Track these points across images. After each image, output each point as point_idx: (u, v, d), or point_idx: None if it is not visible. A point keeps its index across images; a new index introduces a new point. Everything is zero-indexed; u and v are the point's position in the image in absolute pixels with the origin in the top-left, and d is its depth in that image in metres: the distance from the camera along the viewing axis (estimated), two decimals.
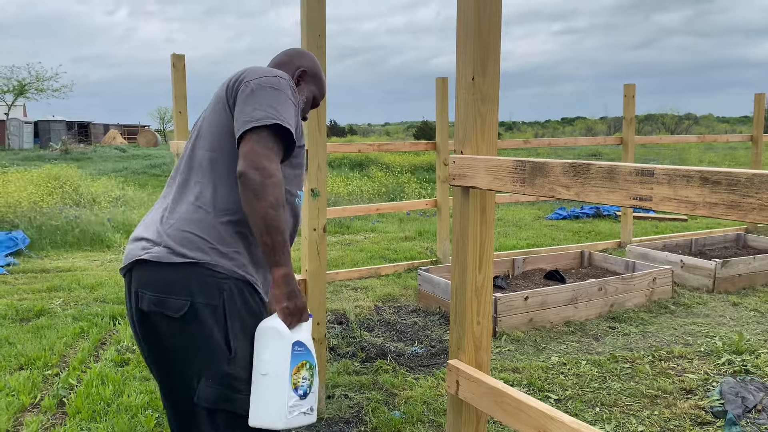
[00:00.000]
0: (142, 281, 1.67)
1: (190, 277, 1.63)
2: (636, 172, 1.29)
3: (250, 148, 1.61)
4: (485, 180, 1.70)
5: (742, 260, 5.45)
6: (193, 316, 1.63)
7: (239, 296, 1.68)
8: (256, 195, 1.59)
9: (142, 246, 1.69)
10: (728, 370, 3.57)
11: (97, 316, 4.55)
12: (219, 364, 1.65)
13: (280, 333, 1.66)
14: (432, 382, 3.39)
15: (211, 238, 1.67)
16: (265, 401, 1.65)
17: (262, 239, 1.62)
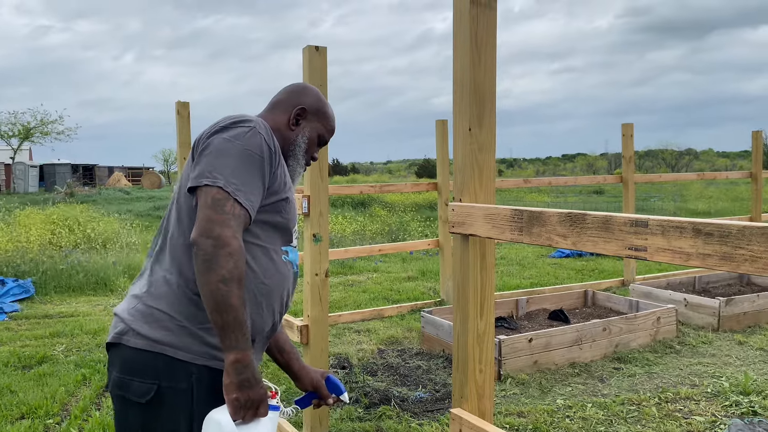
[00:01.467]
0: (111, 361, 1.57)
1: (156, 359, 1.50)
2: (630, 222, 1.32)
3: (203, 213, 1.45)
4: (484, 228, 1.72)
5: (746, 298, 5.43)
6: (159, 401, 1.49)
7: (209, 380, 1.52)
8: (207, 267, 1.42)
9: (114, 325, 1.59)
10: (736, 412, 3.53)
11: (100, 362, 4.54)
12: None
13: (222, 428, 1.43)
14: (436, 427, 3.36)
15: (177, 313, 1.53)
16: None
17: (212, 317, 1.44)
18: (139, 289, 1.60)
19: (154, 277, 1.59)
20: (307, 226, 2.96)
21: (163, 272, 1.57)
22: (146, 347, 1.50)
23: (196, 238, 1.44)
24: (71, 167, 42.08)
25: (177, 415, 1.50)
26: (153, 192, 30.52)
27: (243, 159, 1.52)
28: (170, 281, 1.55)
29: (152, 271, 1.60)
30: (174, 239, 1.58)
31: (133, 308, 1.56)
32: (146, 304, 1.55)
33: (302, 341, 2.99)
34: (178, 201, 1.62)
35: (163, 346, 1.50)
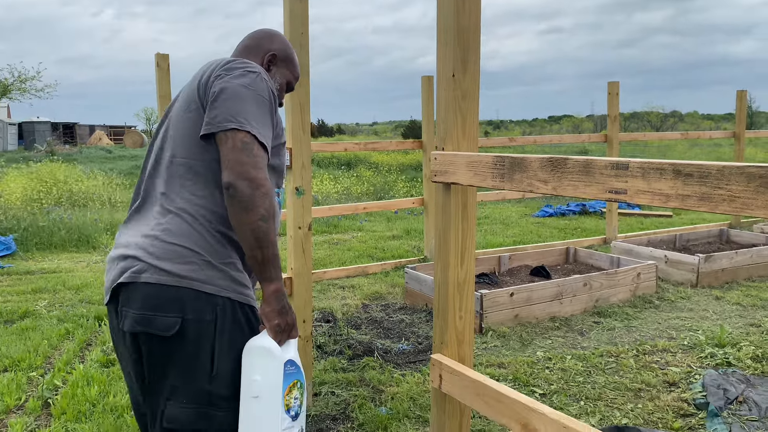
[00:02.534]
0: (127, 300, 1.56)
1: (181, 293, 1.53)
2: (611, 165, 1.31)
3: (235, 157, 1.51)
4: (466, 176, 1.72)
5: (725, 255, 5.51)
6: (183, 334, 1.53)
7: (231, 312, 1.59)
8: (245, 207, 1.50)
9: (126, 266, 1.58)
10: (711, 363, 3.61)
11: (83, 317, 4.53)
12: (198, 382, 1.56)
13: (272, 352, 1.56)
14: (418, 378, 3.41)
15: (201, 249, 1.57)
16: (256, 425, 1.56)
17: (252, 253, 1.54)
18: (151, 229, 1.60)
19: (167, 216, 1.60)
20: (289, 179, 2.94)
21: (178, 211, 1.60)
22: (171, 282, 1.53)
23: (233, 180, 1.49)
24: (51, 125, 41.27)
25: (200, 346, 1.55)
26: (135, 151, 30.10)
27: (259, 104, 1.59)
28: (189, 220, 1.58)
29: (157, 213, 1.62)
30: (181, 180, 1.61)
31: (151, 246, 1.57)
32: (167, 242, 1.57)
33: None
34: (177, 143, 1.64)
35: (189, 281, 1.54)
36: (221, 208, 1.60)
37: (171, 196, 1.62)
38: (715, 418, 2.91)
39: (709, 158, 21.08)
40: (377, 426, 2.88)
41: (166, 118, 1.76)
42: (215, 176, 1.60)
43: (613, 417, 2.96)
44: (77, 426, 2.87)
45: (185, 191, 1.61)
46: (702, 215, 10.10)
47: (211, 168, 1.61)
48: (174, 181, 1.63)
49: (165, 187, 1.64)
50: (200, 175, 1.61)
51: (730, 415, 2.96)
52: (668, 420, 2.93)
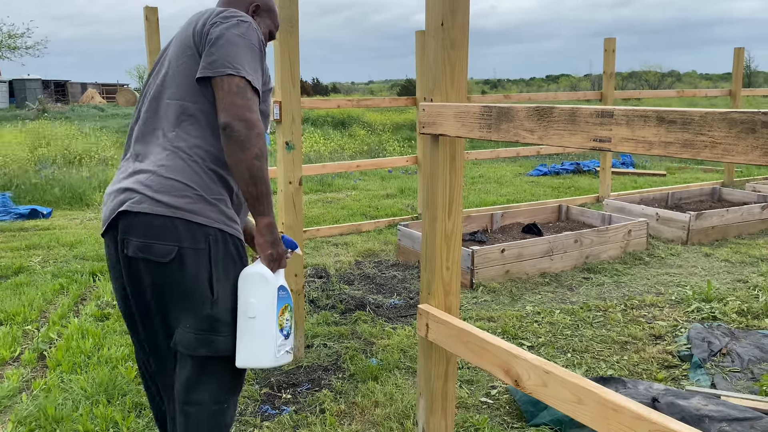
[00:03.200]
0: (127, 229, 1.67)
1: (176, 223, 1.65)
2: (596, 113, 1.31)
3: (230, 100, 1.62)
4: (454, 127, 1.71)
5: (715, 213, 5.55)
6: (180, 260, 1.65)
7: (223, 242, 1.71)
8: (242, 146, 1.62)
9: (125, 198, 1.68)
10: (697, 317, 3.68)
11: (77, 272, 4.56)
12: (201, 307, 1.68)
13: (266, 278, 1.73)
14: (409, 331, 3.47)
15: (195, 184, 1.69)
16: (254, 342, 1.71)
17: (248, 189, 1.67)
18: (148, 165, 1.71)
19: (157, 155, 1.70)
20: (279, 133, 2.92)
21: (174, 149, 1.70)
22: (167, 213, 1.65)
23: (230, 121, 1.62)
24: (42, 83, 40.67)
25: (198, 273, 1.67)
26: (128, 109, 29.77)
27: (251, 52, 1.70)
28: (185, 157, 1.69)
29: (151, 152, 1.72)
30: (175, 121, 1.71)
31: (149, 180, 1.68)
32: (164, 176, 1.67)
33: None
34: (172, 86, 1.73)
35: (183, 212, 1.66)
36: (214, 147, 1.71)
37: (168, 136, 1.72)
38: (698, 369, 2.98)
39: None
40: (368, 376, 2.93)
41: (160, 64, 1.84)
42: (209, 118, 1.71)
43: (598, 368, 3.03)
44: (72, 377, 2.92)
45: (181, 131, 1.71)
46: (696, 174, 10.12)
47: (206, 110, 1.71)
48: (170, 121, 1.72)
49: (162, 127, 1.73)
50: (195, 116, 1.71)
51: (713, 367, 3.03)
52: (653, 371, 3.00)
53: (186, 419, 1.74)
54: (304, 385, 2.87)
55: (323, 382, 2.91)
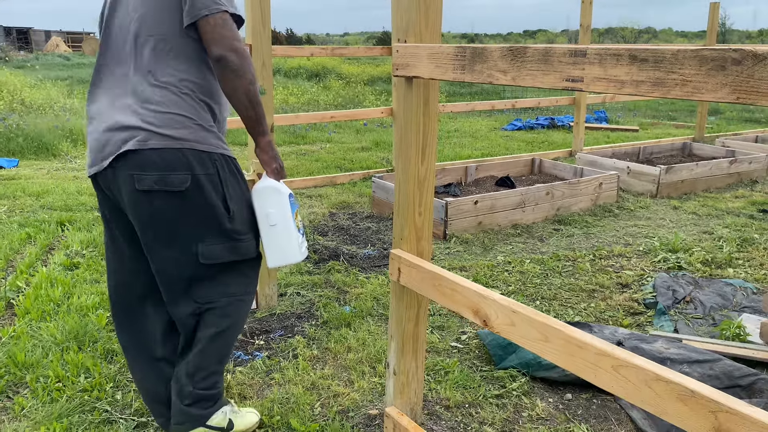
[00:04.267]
0: (138, 165, 1.77)
1: (186, 153, 1.79)
2: (570, 53, 1.30)
3: (219, 33, 1.76)
4: (428, 68, 1.68)
5: (685, 166, 5.64)
6: (195, 186, 1.81)
7: (226, 165, 1.89)
8: (237, 74, 1.80)
9: (128, 136, 1.77)
10: (663, 267, 3.77)
11: (44, 222, 4.47)
12: (221, 224, 1.88)
13: (279, 190, 2.00)
14: (382, 280, 3.50)
15: (193, 115, 1.83)
16: (280, 245, 2.01)
17: (247, 113, 1.89)
18: (141, 101, 1.79)
19: (155, 89, 1.80)
20: None
21: (165, 84, 1.80)
22: (175, 145, 1.78)
23: (223, 53, 1.77)
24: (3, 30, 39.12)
25: (211, 194, 1.85)
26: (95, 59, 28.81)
27: None
28: (176, 91, 1.81)
29: (149, 85, 1.80)
30: (158, 55, 1.81)
31: (150, 116, 1.78)
32: (163, 111, 1.79)
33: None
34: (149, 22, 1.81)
35: (189, 142, 1.80)
36: (200, 79, 1.85)
37: (154, 72, 1.81)
38: (662, 316, 3.07)
39: None
40: (341, 323, 2.96)
41: (116, 2, 1.90)
42: (195, 52, 1.83)
43: (566, 315, 3.10)
44: (42, 324, 2.89)
45: (168, 67, 1.81)
46: (668, 130, 10.23)
47: (188, 45, 1.82)
48: (151, 57, 1.81)
49: (142, 64, 1.81)
50: (180, 51, 1.82)
51: (677, 313, 3.12)
52: (618, 318, 3.08)
53: (221, 309, 1.96)
54: (277, 332, 2.89)
55: (296, 329, 2.94)
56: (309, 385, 2.46)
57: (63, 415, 2.22)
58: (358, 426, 2.19)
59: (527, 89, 14.47)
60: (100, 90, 1.88)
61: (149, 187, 1.78)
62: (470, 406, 2.34)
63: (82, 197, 5.22)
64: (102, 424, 2.21)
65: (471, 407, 2.33)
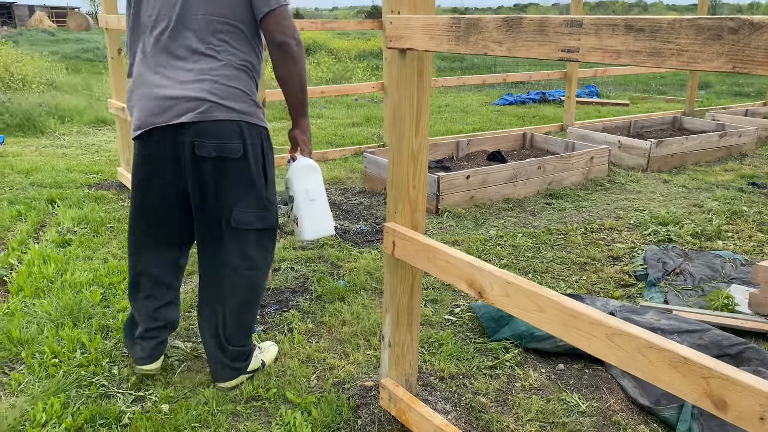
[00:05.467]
0: (199, 133, 1.98)
1: (242, 126, 2.02)
2: (566, 23, 1.30)
3: (284, 23, 2.02)
4: (422, 40, 1.67)
5: (675, 140, 5.66)
6: (245, 155, 2.04)
7: (267, 138, 2.13)
8: (295, 60, 2.06)
9: (193, 106, 1.96)
10: (653, 240, 3.81)
11: (35, 199, 4.44)
12: (260, 190, 2.11)
13: (316, 168, 2.22)
14: (375, 255, 3.51)
15: (249, 92, 2.06)
16: (318, 218, 2.21)
17: (297, 96, 2.13)
18: (202, 75, 1.99)
19: (218, 64, 2.00)
20: None
21: (227, 61, 2.01)
22: (234, 117, 2.01)
23: (286, 40, 2.02)
24: None
25: (257, 164, 2.09)
26: (80, 34, 28.34)
27: None
28: (237, 68, 2.03)
29: (211, 60, 2.00)
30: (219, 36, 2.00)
31: (214, 89, 1.98)
32: (227, 85, 2.00)
33: None
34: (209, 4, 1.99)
35: (246, 115, 2.04)
36: (255, 60, 2.09)
37: (217, 48, 2.01)
38: (652, 288, 3.11)
39: None
40: (335, 297, 2.98)
41: None
42: (252, 35, 2.06)
43: (558, 287, 3.13)
44: (36, 301, 2.89)
45: (230, 47, 2.02)
46: (658, 104, 10.24)
47: (251, 27, 2.04)
48: (215, 35, 2.01)
49: (202, 39, 2.00)
50: (241, 32, 2.03)
51: (667, 285, 3.16)
52: (609, 290, 3.12)
53: (246, 280, 2.18)
54: (271, 306, 2.91)
55: (291, 303, 2.95)
56: (304, 358, 2.48)
57: (60, 389, 2.24)
58: (354, 397, 2.22)
59: (518, 64, 14.40)
60: (155, 59, 2.05)
61: (207, 153, 1.99)
62: (464, 377, 2.37)
63: (72, 174, 5.18)
64: (99, 398, 2.22)
65: (465, 378, 2.36)
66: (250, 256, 2.16)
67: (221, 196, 2.06)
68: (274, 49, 2.03)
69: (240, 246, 2.13)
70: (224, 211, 2.07)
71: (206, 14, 1.99)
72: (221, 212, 2.08)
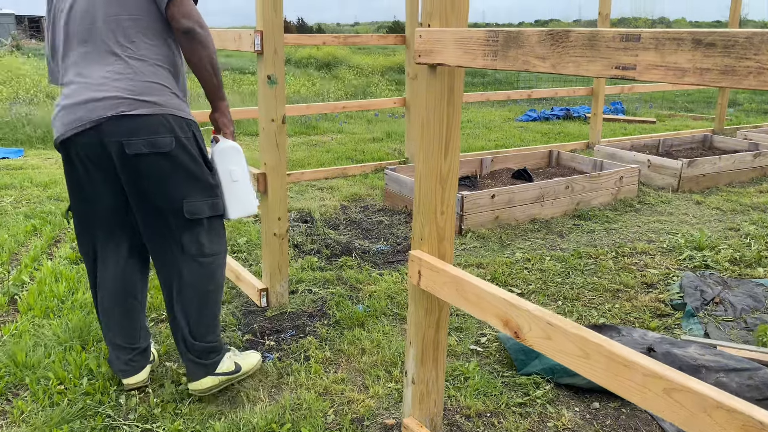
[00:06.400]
0: (125, 131, 1.93)
1: (168, 118, 1.99)
2: (621, 37, 1.16)
3: (186, 9, 1.98)
4: (454, 55, 1.54)
5: (707, 160, 5.46)
6: (180, 147, 2.01)
7: (196, 128, 2.10)
8: (203, 45, 2.02)
9: (109, 104, 1.92)
10: (689, 266, 3.61)
11: (51, 213, 4.38)
12: (206, 180, 2.10)
13: (239, 149, 2.25)
14: (396, 277, 3.37)
15: (168, 84, 2.03)
16: (241, 198, 2.23)
17: (210, 80, 2.10)
18: (117, 73, 1.96)
19: (132, 61, 1.97)
20: (260, 66, 2.72)
21: (140, 57, 1.99)
22: (158, 111, 1.97)
23: (192, 26, 1.98)
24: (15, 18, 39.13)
25: (194, 153, 2.06)
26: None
27: None
28: (152, 63, 2.01)
29: (124, 58, 1.97)
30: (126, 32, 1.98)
31: (129, 85, 1.95)
32: (143, 80, 1.98)
33: (260, 189, 2.86)
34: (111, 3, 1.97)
35: (168, 108, 2.00)
36: (169, 52, 2.06)
37: (129, 47, 1.98)
38: (691, 318, 2.92)
39: None
40: (354, 323, 2.84)
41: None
42: (161, 28, 2.03)
43: (590, 316, 2.96)
44: (45, 322, 2.79)
45: (141, 42, 1.99)
46: (685, 122, 10.00)
47: (158, 21, 2.01)
48: (125, 35, 1.98)
49: (114, 40, 1.98)
50: (149, 27, 2.01)
51: (706, 316, 2.97)
52: (645, 320, 2.94)
53: (204, 268, 2.16)
54: (288, 332, 2.77)
55: (308, 328, 2.81)
56: (321, 390, 2.33)
57: (64, 420, 2.12)
58: None
59: (540, 79, 14.24)
60: (71, 69, 2.02)
61: (138, 150, 1.95)
62: (492, 415, 2.21)
63: None
64: (105, 430, 2.10)
65: (493, 416, 2.20)
66: (203, 244, 2.15)
67: (166, 191, 2.03)
68: (181, 36, 2.00)
69: (193, 236, 2.12)
70: (173, 205, 2.05)
71: (113, 15, 1.97)
72: (170, 206, 2.05)
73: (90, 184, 2.06)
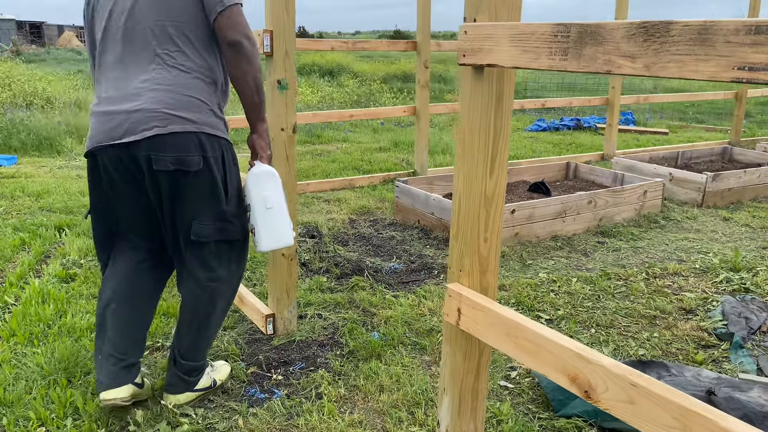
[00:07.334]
0: (155, 147, 1.86)
1: (200, 137, 1.91)
2: (746, 29, 0.90)
3: (236, 21, 1.89)
4: (509, 54, 1.29)
5: (732, 174, 5.20)
6: (206, 167, 1.94)
7: (229, 150, 2.02)
8: (249, 61, 1.94)
9: (144, 117, 1.85)
10: (727, 289, 3.35)
11: (42, 226, 4.11)
12: (219, 204, 1.99)
13: (275, 175, 2.11)
14: (413, 300, 3.10)
15: (207, 100, 1.95)
16: (276, 227, 2.09)
17: (252, 99, 2.01)
18: (157, 83, 1.88)
19: (173, 71, 1.90)
20: (269, 70, 2.46)
21: (182, 68, 1.91)
22: (191, 129, 1.90)
23: (239, 39, 1.90)
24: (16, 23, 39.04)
25: (216, 176, 1.97)
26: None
27: None
28: (193, 75, 1.93)
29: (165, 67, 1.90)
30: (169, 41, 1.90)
31: (168, 97, 1.87)
32: (182, 94, 1.90)
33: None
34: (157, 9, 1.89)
35: (202, 126, 1.92)
36: (212, 64, 1.98)
37: (172, 54, 1.91)
38: (740, 350, 2.66)
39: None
40: (370, 353, 2.57)
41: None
42: (206, 38, 1.95)
43: (628, 347, 2.69)
44: (28, 350, 2.52)
45: (183, 50, 1.92)
46: (698, 133, 9.76)
47: (204, 31, 1.93)
48: (165, 42, 1.90)
49: (154, 48, 1.90)
50: (195, 36, 1.93)
51: (755, 347, 2.71)
52: (689, 351, 2.67)
53: (211, 292, 2.09)
54: (297, 364, 2.50)
55: (319, 360, 2.54)
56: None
57: None
58: None
59: (547, 89, 14.01)
60: (109, 73, 1.96)
61: (165, 167, 1.88)
62: None
63: (84, 198, 4.86)
64: None
65: None
66: (213, 267, 2.07)
67: (181, 209, 1.97)
68: (227, 48, 1.93)
69: (200, 258, 2.04)
70: (185, 224, 1.99)
71: (157, 20, 1.90)
72: (181, 224, 1.99)
73: (113, 191, 2.02)
